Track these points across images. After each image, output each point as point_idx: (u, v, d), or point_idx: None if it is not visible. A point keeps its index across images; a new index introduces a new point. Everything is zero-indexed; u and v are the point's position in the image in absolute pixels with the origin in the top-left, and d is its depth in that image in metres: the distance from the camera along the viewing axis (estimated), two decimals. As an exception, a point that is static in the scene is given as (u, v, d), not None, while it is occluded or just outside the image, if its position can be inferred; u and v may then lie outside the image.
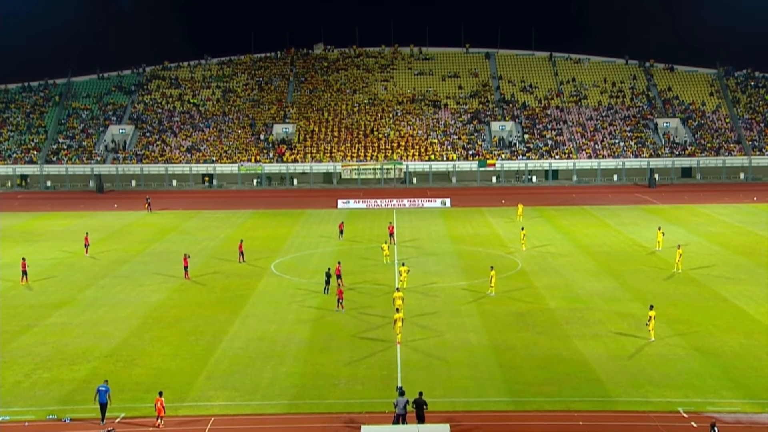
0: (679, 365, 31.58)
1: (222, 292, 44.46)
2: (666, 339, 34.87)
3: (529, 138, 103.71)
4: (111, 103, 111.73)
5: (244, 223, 69.85)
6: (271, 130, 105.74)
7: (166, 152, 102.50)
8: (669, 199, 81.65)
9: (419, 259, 52.54)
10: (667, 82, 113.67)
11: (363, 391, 29.26)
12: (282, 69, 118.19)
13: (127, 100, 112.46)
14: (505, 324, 37.53)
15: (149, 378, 30.87)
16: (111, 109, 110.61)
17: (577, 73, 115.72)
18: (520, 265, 50.14)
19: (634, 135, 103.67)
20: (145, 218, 73.07)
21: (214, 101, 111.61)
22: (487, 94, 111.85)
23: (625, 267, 49.40)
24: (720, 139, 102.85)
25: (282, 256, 54.39)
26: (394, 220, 68.92)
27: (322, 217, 73.18)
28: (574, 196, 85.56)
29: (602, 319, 38.05)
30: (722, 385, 29.56)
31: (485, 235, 61.63)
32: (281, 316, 39.42)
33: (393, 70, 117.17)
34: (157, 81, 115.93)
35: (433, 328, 36.82)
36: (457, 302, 41.50)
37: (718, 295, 42.20)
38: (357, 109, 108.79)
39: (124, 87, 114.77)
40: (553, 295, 42.78)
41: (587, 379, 30.20)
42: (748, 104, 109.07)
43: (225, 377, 30.97)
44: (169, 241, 60.96)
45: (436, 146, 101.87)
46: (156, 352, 33.91)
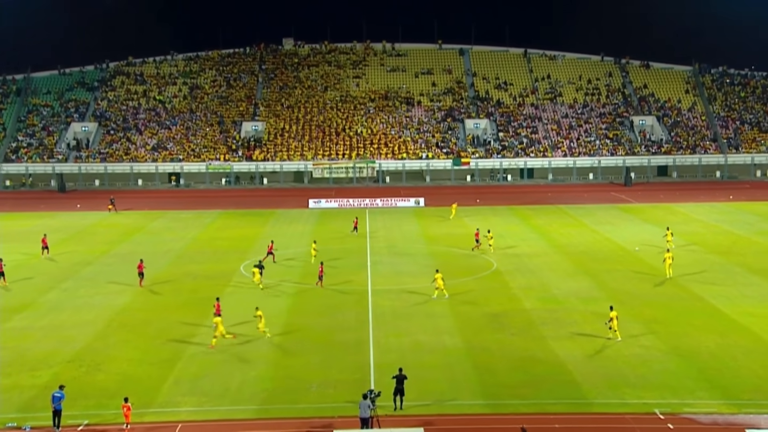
0: (656, 366, 31.93)
1: (190, 295, 44.15)
2: (642, 339, 35.25)
3: (504, 136, 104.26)
4: (73, 99, 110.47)
5: (212, 223, 69.43)
6: (240, 128, 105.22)
7: (131, 151, 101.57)
8: (645, 198, 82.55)
9: (392, 260, 52.59)
10: (643, 80, 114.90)
11: (335, 395, 29.22)
12: (251, 65, 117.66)
13: (89, 97, 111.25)
14: (480, 325, 37.68)
15: (114, 383, 30.56)
16: (73, 106, 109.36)
17: (553, 70, 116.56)
18: (495, 266, 50.38)
19: (610, 133, 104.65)
20: (109, 219, 72.36)
21: (181, 98, 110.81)
22: (461, 91, 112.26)
23: (601, 267, 49.85)
24: (696, 137, 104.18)
25: (252, 257, 54.11)
26: (366, 220, 68.96)
27: (293, 217, 72.98)
28: (550, 195, 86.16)
29: (578, 319, 38.35)
30: (699, 385, 29.94)
31: (460, 235, 61.80)
32: (251, 319, 39.19)
33: (365, 67, 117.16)
34: (121, 77, 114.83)
35: (406, 330, 36.86)
36: (431, 303, 41.59)
37: (694, 295, 42.73)
38: (328, 107, 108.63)
39: (87, 83, 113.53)
40: (528, 295, 43.04)
41: (563, 380, 30.42)
42: (724, 102, 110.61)
43: (193, 382, 30.75)
44: (135, 242, 60.41)
45: (410, 144, 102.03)
46: (121, 357, 33.58)
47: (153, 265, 51.28)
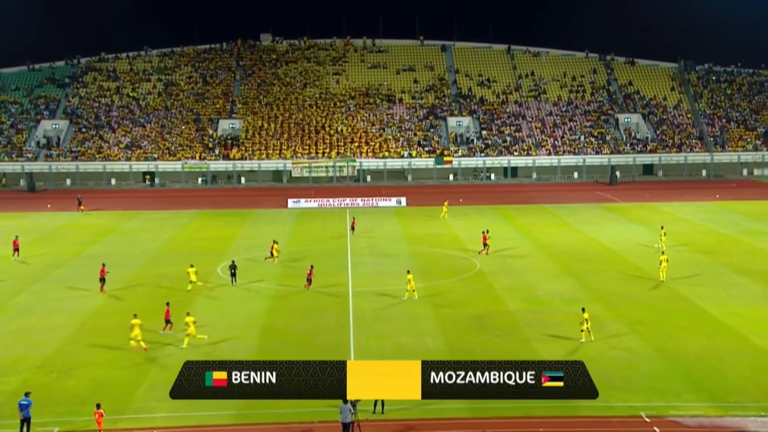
0: (641, 368, 32.13)
1: (165, 297, 43.78)
2: (627, 341, 35.45)
3: (487, 134, 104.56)
4: (43, 96, 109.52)
5: (188, 223, 69.09)
6: (217, 126, 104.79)
7: (104, 149, 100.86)
8: (630, 197, 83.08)
9: (374, 261, 52.57)
10: (628, 77, 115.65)
11: (316, 400, 29.07)
12: (227, 61, 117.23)
13: (60, 94, 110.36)
14: (463, 327, 37.75)
15: (86, 389, 30.33)
16: (43, 102, 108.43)
17: (536, 66, 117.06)
18: (478, 266, 50.50)
19: (595, 131, 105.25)
20: (81, 219, 71.81)
21: (156, 95, 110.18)
22: (443, 89, 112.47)
23: (586, 267, 50.10)
24: (681, 135, 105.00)
25: (229, 258, 53.86)
26: (347, 220, 68.94)
27: (272, 217, 72.78)
28: (534, 195, 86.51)
29: (563, 321, 38.52)
30: (685, 388, 30.16)
31: (442, 235, 61.91)
32: (228, 322, 39.08)
33: (345, 63, 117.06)
34: (93, 73, 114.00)
35: (388, 333, 36.85)
36: (413, 305, 41.60)
37: (680, 296, 43.04)
38: (307, 104, 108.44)
39: (57, 79, 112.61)
40: (512, 296, 43.18)
41: (548, 383, 30.52)
42: (710, 99, 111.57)
43: (168, 387, 30.27)
44: (108, 243, 59.99)
45: (391, 143, 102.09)
46: (93, 362, 33.33)
47: (127, 267, 51.01)
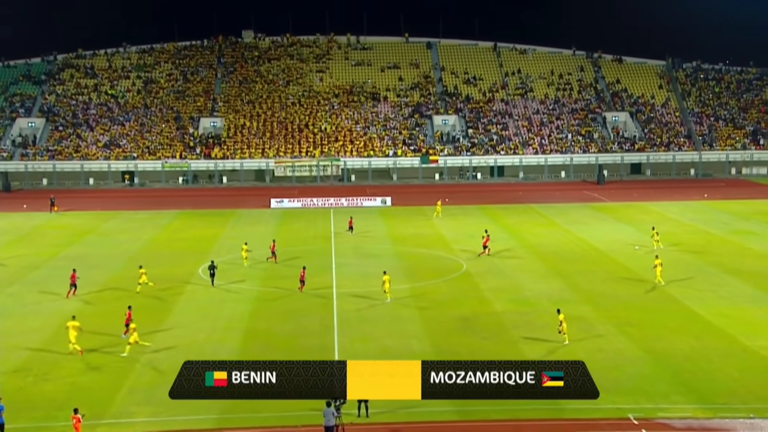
0: (630, 370, 32.31)
1: (145, 299, 43.69)
2: (615, 342, 35.64)
3: (474, 132, 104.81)
4: (18, 94, 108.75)
5: (169, 224, 68.84)
6: (198, 124, 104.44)
7: (82, 148, 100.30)
8: (618, 197, 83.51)
9: (358, 261, 52.57)
10: (616, 74, 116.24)
11: (299, 403, 28.98)
12: (209, 58, 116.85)
13: (36, 91, 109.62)
14: (449, 329, 37.83)
15: (63, 394, 30.17)
16: (18, 100, 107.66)
17: (523, 64, 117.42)
18: (464, 267, 50.61)
19: (582, 129, 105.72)
20: (58, 220, 71.39)
21: (135, 92, 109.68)
22: (428, 86, 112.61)
23: (573, 267, 50.31)
24: (670, 133, 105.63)
25: (211, 259, 53.72)
26: (331, 220, 68.97)
27: (254, 217, 72.63)
28: (521, 194, 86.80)
29: (550, 322, 38.61)
30: (673, 389, 30.36)
31: (428, 236, 62.00)
32: (210, 324, 39.00)
33: (329, 60, 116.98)
34: (70, 70, 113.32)
35: (373, 335, 36.88)
36: (398, 307, 41.64)
37: (669, 296, 43.31)
38: (291, 102, 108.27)
39: (33, 76, 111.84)
40: (499, 297, 43.31)
41: (535, 385, 30.63)
42: (698, 97, 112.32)
43: (148, 391, 30.47)
44: (86, 244, 59.70)
45: (376, 141, 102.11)
46: (70, 366, 33.16)
47: (106, 269, 50.83)
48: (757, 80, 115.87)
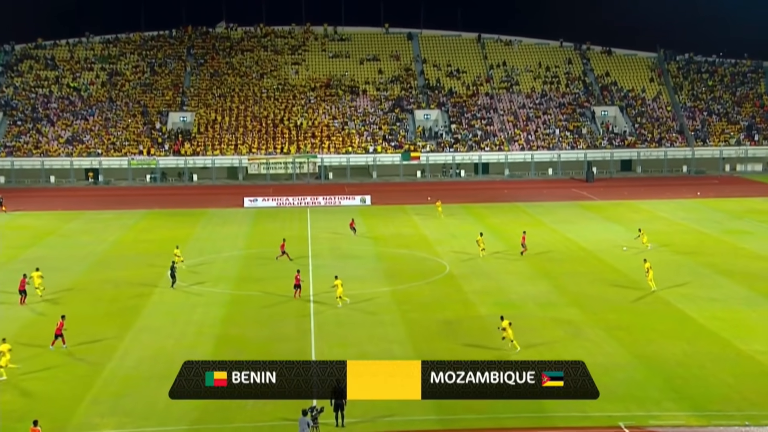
0: (620, 375, 32.51)
1: (110, 304, 43.47)
2: (605, 347, 35.85)
3: (457, 128, 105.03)
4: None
5: (135, 224, 68.48)
6: (167, 119, 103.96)
7: (42, 144, 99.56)
8: (608, 195, 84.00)
9: (336, 263, 52.53)
10: (605, 67, 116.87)
11: (273, 412, 29.03)
12: (177, 49, 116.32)
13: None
14: (432, 333, 37.90)
15: (21, 405, 29.92)
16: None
17: (508, 56, 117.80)
18: (447, 269, 50.72)
19: (570, 124, 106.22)
20: (16, 220, 70.81)
21: (99, 85, 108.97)
22: (410, 79, 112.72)
23: (561, 269, 50.57)
24: (661, 129, 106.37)
25: (183, 261, 53.52)
26: (308, 220, 68.98)
27: (226, 217, 72.42)
28: (506, 192, 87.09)
29: (536, 326, 38.85)
30: (665, 396, 30.56)
31: (410, 236, 62.08)
32: (180, 330, 38.84)
33: (305, 52, 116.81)
34: (29, 61, 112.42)
35: (352, 340, 36.88)
36: (379, 310, 41.67)
37: (660, 299, 43.62)
38: (265, 96, 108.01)
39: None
40: (483, 300, 43.45)
41: (521, 392, 30.73)
42: (690, 91, 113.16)
43: (114, 401, 30.29)
44: (47, 246, 59.26)
45: (354, 137, 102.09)
46: (30, 374, 32.88)
47: (68, 272, 50.44)
48: (752, 73, 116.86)
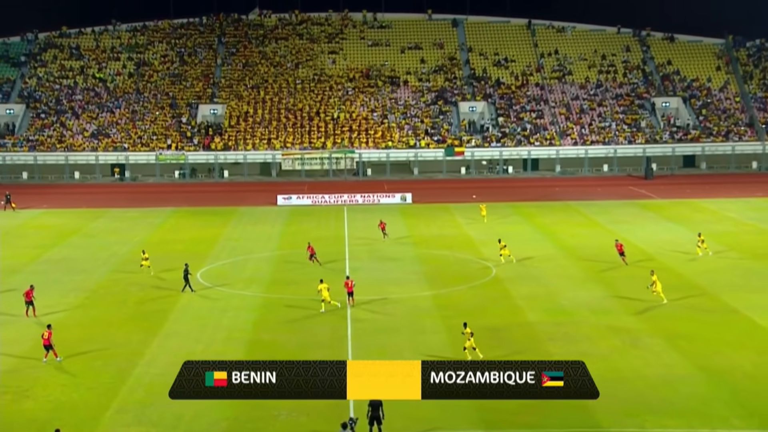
0: (682, 389, 32.12)
1: (136, 307, 43.96)
2: (665, 358, 35.45)
3: (504, 121, 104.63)
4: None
5: (163, 223, 69.19)
6: (196, 112, 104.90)
7: (66, 138, 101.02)
8: (668, 193, 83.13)
9: (375, 266, 52.62)
10: (667, 55, 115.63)
11: (308, 424, 29.20)
12: (208, 38, 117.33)
13: (15, 74, 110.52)
14: (477, 341, 37.69)
15: (45, 413, 30.34)
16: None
17: (561, 44, 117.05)
18: (494, 272, 50.53)
19: (628, 117, 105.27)
20: (40, 218, 71.93)
21: (125, 76, 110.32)
22: (454, 69, 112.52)
23: (617, 273, 50.12)
24: (728, 121, 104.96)
25: (210, 262, 53.97)
26: (345, 219, 69.10)
27: (259, 215, 72.88)
28: (558, 190, 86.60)
29: (590, 334, 38.53)
30: (732, 412, 30.11)
31: (453, 237, 61.96)
32: (209, 335, 39.15)
33: (342, 40, 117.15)
34: (53, 50, 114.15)
35: (391, 348, 36.86)
36: (419, 316, 41.64)
37: (726, 306, 43.03)
38: (300, 87, 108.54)
39: (12, 58, 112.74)
40: (532, 306, 43.20)
41: (573, 405, 30.42)
42: (762, 80, 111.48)
43: (140, 410, 30.62)
44: (71, 246, 60.09)
45: (395, 131, 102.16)
46: (53, 382, 33.36)
47: (92, 274, 51.15)
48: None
